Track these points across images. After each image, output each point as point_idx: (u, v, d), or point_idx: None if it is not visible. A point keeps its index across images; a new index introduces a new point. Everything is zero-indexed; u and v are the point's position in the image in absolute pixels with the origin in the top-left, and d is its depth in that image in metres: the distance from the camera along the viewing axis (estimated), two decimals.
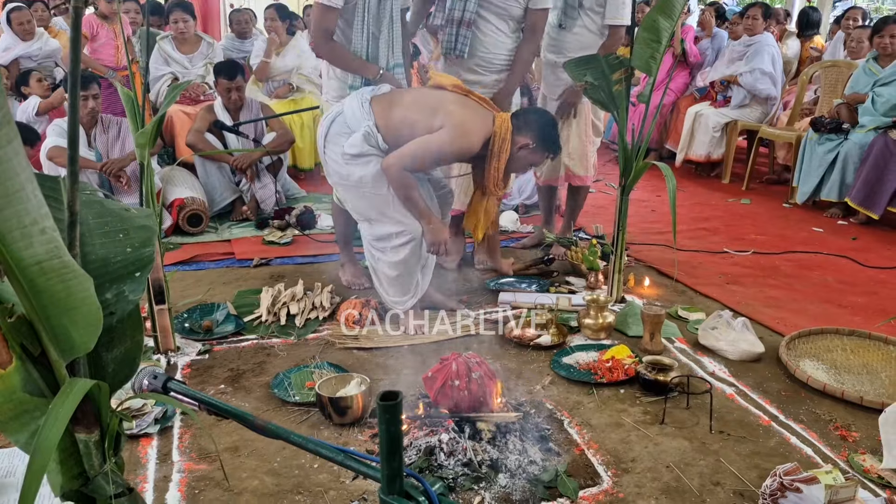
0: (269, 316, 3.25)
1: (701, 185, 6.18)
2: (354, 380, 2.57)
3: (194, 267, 4.00)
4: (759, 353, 2.92)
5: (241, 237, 4.47)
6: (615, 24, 3.65)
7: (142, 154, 2.71)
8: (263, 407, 2.57)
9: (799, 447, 2.34)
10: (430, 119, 2.89)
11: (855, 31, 6.10)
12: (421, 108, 2.94)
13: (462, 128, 2.89)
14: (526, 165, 3.11)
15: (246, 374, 2.79)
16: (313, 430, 2.42)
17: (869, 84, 4.99)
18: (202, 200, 4.54)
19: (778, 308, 3.46)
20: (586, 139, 3.93)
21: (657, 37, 3.03)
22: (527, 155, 3.00)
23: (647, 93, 3.21)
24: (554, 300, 3.42)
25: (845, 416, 2.52)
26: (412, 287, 3.13)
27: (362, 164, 2.93)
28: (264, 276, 3.85)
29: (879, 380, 2.77)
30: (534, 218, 4.89)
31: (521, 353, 2.98)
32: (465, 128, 2.90)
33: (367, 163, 2.92)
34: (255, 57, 6.02)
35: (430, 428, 2.30)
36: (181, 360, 2.89)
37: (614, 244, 3.44)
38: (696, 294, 3.65)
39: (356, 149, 2.91)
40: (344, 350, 2.99)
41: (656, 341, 2.99)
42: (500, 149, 2.95)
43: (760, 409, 2.56)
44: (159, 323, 2.86)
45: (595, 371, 2.77)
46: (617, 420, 2.49)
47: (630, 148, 3.28)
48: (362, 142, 2.90)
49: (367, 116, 2.92)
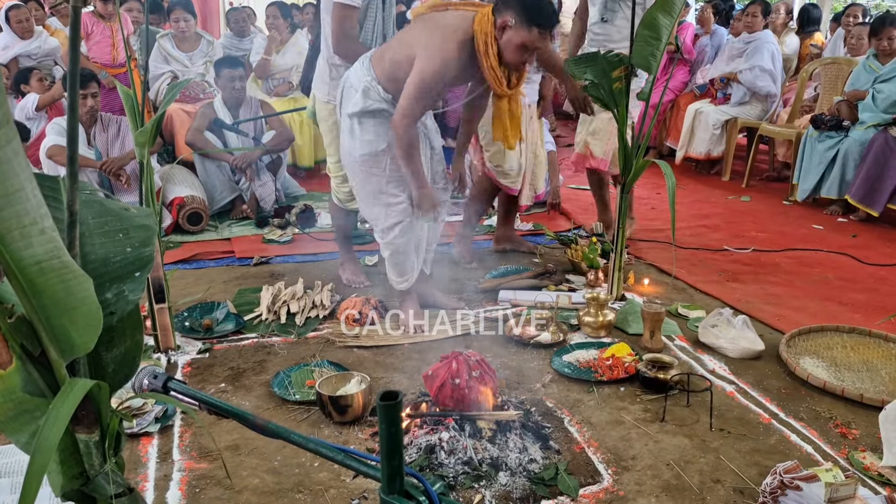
0: (270, 314, 3.25)
1: (701, 182, 6.18)
2: (355, 378, 2.57)
3: (194, 265, 4.00)
4: (760, 350, 2.92)
5: (240, 236, 4.47)
6: None
7: (141, 153, 2.71)
8: (264, 405, 2.57)
9: (799, 445, 2.34)
10: (410, 54, 2.83)
11: (855, 27, 6.10)
12: (402, 46, 2.89)
13: (431, 47, 2.79)
14: (518, 50, 2.79)
15: (246, 373, 2.79)
16: (314, 428, 2.42)
17: (869, 81, 4.99)
18: (202, 199, 4.54)
19: (778, 305, 3.46)
20: (613, 125, 3.78)
21: (657, 34, 3.03)
22: (512, 36, 2.75)
23: (647, 90, 3.20)
24: (554, 298, 3.42)
25: (845, 413, 2.52)
26: (408, 268, 3.16)
27: (366, 128, 2.94)
28: (264, 274, 3.85)
29: (879, 377, 2.77)
30: (534, 216, 4.88)
31: (522, 352, 2.98)
32: (435, 45, 2.79)
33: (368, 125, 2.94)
34: (254, 54, 6.03)
35: (430, 426, 2.30)
36: (181, 358, 2.89)
37: (614, 242, 3.44)
38: (697, 291, 3.65)
39: (357, 106, 2.91)
40: (344, 348, 2.99)
41: (656, 339, 2.99)
42: (486, 43, 2.78)
43: (760, 407, 2.56)
44: (159, 321, 2.87)
45: (595, 369, 2.77)
46: (617, 418, 2.49)
47: (630, 146, 3.28)
48: (362, 98, 2.90)
49: (366, 73, 2.93)
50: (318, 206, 4.85)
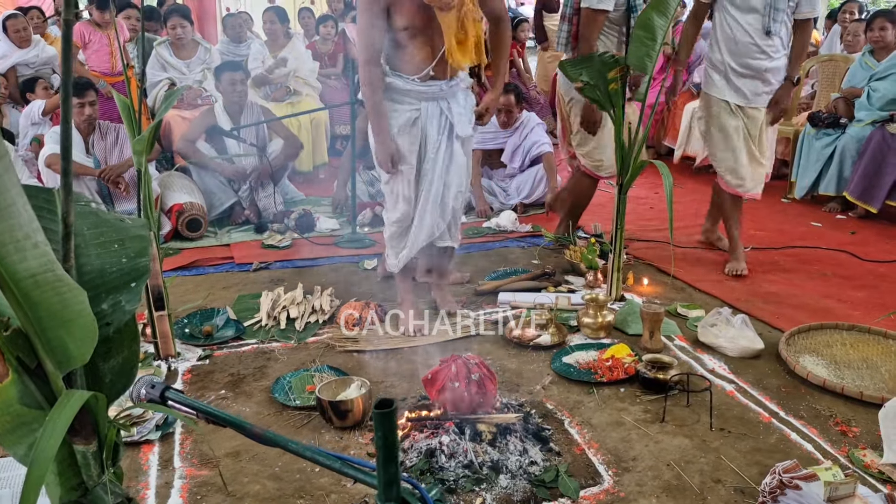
0: (269, 320, 3.26)
1: (699, 181, 6.16)
2: (354, 383, 2.58)
3: (194, 272, 4.00)
4: (759, 349, 2.92)
5: (240, 241, 4.47)
6: (806, 17, 3.59)
7: (139, 161, 2.72)
8: (264, 412, 2.57)
9: (799, 443, 2.34)
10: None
11: (851, 24, 6.09)
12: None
13: None
14: None
15: (246, 379, 2.80)
16: (314, 433, 2.43)
17: (865, 78, 4.99)
18: (201, 205, 4.54)
19: (777, 304, 3.46)
20: (751, 151, 3.76)
21: (652, 35, 3.04)
22: None
23: (644, 91, 3.21)
24: (553, 300, 3.42)
25: (845, 411, 2.52)
26: (402, 245, 3.13)
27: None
28: (264, 280, 3.85)
29: (879, 374, 2.77)
30: (533, 217, 4.89)
31: (521, 354, 2.98)
32: None
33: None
34: (252, 60, 6.03)
35: (430, 430, 2.30)
36: (182, 365, 2.90)
37: (613, 242, 3.44)
38: (696, 291, 3.65)
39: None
40: (344, 353, 2.99)
41: (656, 339, 2.99)
42: None
43: (760, 406, 2.56)
44: (159, 329, 2.87)
45: (595, 370, 2.78)
46: (617, 419, 2.49)
47: (627, 146, 3.28)
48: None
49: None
50: (316, 211, 4.86)
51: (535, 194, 5.04)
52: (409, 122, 2.93)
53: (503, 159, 5.19)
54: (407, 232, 3.08)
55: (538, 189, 5.03)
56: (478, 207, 4.93)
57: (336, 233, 4.54)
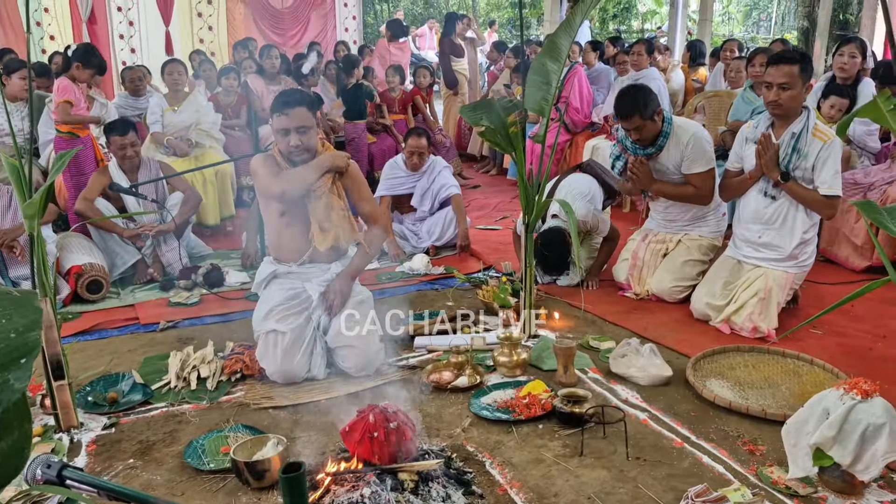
0: (179, 381, 3.14)
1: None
2: (271, 441, 2.51)
3: (96, 336, 3.82)
4: (668, 376, 3.02)
5: (145, 301, 4.30)
6: (830, 194, 3.42)
7: (31, 225, 2.59)
8: (177, 478, 2.47)
9: (711, 465, 2.42)
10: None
11: (733, 62, 6.49)
12: None
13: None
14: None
15: (157, 445, 2.68)
16: (230, 497, 2.34)
17: (748, 112, 5.31)
18: (101, 266, 4.36)
19: (679, 331, 3.59)
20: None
21: (546, 79, 3.16)
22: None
23: (542, 133, 3.32)
24: (468, 340, 3.44)
25: (751, 430, 2.63)
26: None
27: None
28: (172, 339, 3.72)
29: (780, 392, 2.90)
30: (445, 259, 4.93)
31: (440, 397, 2.98)
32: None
33: None
34: (150, 114, 5.89)
35: (351, 483, 2.26)
36: (85, 436, 2.75)
37: (523, 281, 3.51)
38: (606, 323, 3.75)
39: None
40: (259, 410, 2.91)
41: (570, 373, 3.05)
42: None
43: (673, 432, 2.64)
44: (59, 399, 2.72)
45: (513, 408, 2.80)
46: (537, 456, 2.51)
47: (530, 186, 3.37)
48: None
49: None
50: (225, 265, 4.74)
51: (446, 236, 5.09)
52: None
53: (413, 203, 5.23)
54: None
55: (448, 231, 5.08)
56: (390, 252, 4.94)
57: (247, 286, 4.43)
